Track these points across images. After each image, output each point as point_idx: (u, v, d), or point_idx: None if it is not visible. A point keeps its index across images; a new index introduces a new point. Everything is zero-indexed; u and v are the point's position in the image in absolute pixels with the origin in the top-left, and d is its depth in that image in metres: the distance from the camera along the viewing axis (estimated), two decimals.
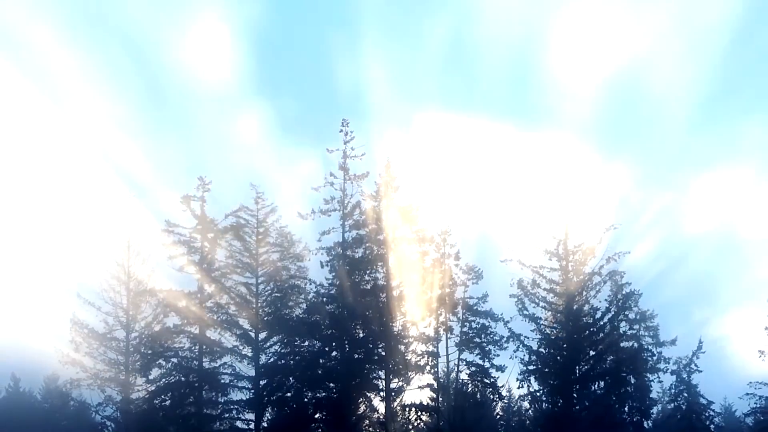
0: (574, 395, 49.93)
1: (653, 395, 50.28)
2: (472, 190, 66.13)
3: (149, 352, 49.82)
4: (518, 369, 49.97)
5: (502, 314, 49.98)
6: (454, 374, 49.88)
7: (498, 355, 49.67)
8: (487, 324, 49.79)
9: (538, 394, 50.36)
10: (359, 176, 49.56)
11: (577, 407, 49.67)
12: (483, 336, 49.74)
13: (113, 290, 52.39)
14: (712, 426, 50.55)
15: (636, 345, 50.08)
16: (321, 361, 49.30)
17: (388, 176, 49.79)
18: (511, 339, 49.91)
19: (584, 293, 50.65)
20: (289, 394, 49.45)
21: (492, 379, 49.71)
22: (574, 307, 50.33)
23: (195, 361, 49.51)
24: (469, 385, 50.18)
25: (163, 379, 49.47)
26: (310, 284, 50.30)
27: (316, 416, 49.18)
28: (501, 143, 76.31)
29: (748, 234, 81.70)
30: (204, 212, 49.90)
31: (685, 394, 50.03)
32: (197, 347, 49.61)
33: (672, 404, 50.20)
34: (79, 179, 58.77)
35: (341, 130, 49.76)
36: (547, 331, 50.64)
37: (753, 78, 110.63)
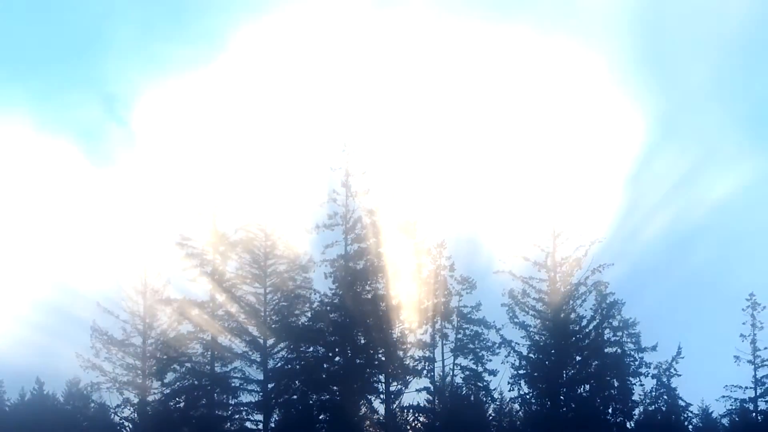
0: (562, 398, 50.54)
1: (635, 398, 50.74)
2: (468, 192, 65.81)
3: (164, 357, 50.56)
4: (509, 373, 50.70)
5: (494, 322, 50.89)
6: (449, 378, 50.61)
7: (490, 360, 50.74)
8: (480, 331, 50.78)
9: (527, 396, 50.92)
10: (361, 193, 50.75)
11: (564, 409, 50.23)
12: (476, 342, 50.70)
13: (131, 299, 52.67)
14: (690, 426, 50.91)
15: (619, 351, 50.70)
16: (325, 365, 50.07)
17: (387, 192, 51.42)
18: (503, 345, 50.70)
19: (571, 302, 51.31)
20: (295, 397, 50.15)
21: (485, 383, 50.71)
22: (562, 316, 50.96)
23: (207, 366, 50.20)
24: (464, 389, 50.81)
25: (178, 383, 50.17)
26: (315, 294, 51.05)
27: (321, 417, 49.77)
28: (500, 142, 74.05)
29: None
30: (215, 226, 50.70)
31: (665, 397, 50.72)
32: (209, 353, 50.28)
33: (653, 406, 50.93)
34: (100, 195, 59.87)
35: (344, 150, 51.25)
36: (537, 337, 51.18)
37: None
